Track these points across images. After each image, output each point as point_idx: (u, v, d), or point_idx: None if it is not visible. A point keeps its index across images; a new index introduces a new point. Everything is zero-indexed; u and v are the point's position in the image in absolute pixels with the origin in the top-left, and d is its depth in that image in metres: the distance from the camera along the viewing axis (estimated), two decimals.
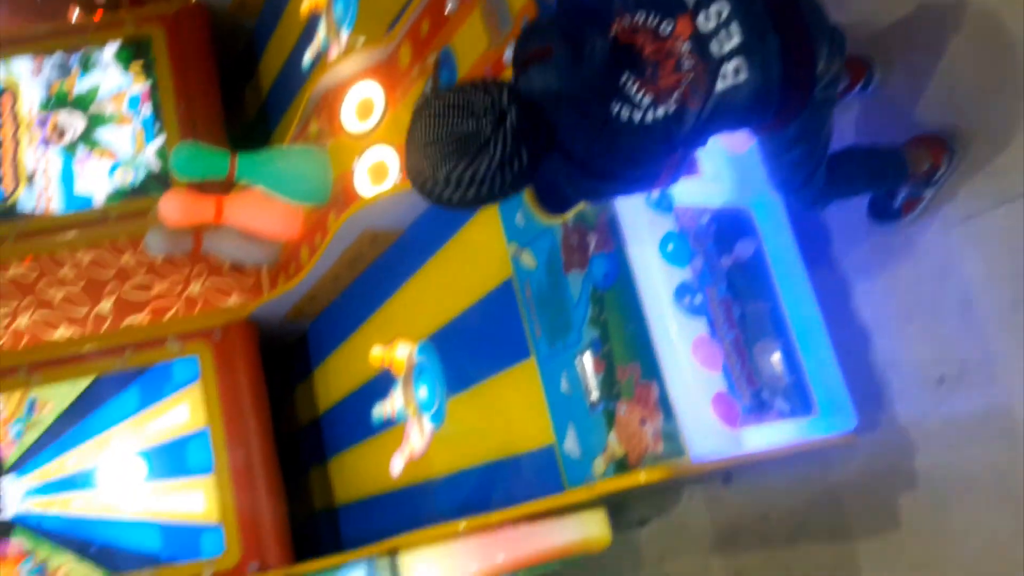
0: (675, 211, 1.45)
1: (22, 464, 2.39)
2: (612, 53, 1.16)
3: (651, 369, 1.37)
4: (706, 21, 1.16)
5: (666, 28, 1.17)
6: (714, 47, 1.16)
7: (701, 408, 1.32)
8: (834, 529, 1.64)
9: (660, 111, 1.15)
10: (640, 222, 1.43)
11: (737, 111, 1.18)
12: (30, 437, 2.41)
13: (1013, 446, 1.37)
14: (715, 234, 1.49)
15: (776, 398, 1.43)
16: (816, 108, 1.23)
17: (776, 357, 1.46)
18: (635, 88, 1.16)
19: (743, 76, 1.15)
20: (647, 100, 1.15)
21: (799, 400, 1.46)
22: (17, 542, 2.33)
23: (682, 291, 1.37)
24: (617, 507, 2.07)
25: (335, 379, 2.50)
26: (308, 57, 2.46)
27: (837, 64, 1.22)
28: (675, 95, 1.15)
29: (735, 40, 1.15)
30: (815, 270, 1.59)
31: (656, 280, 1.39)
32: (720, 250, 1.49)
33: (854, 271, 1.64)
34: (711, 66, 1.15)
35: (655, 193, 1.42)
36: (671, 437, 1.34)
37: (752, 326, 1.47)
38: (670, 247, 1.39)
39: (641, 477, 1.37)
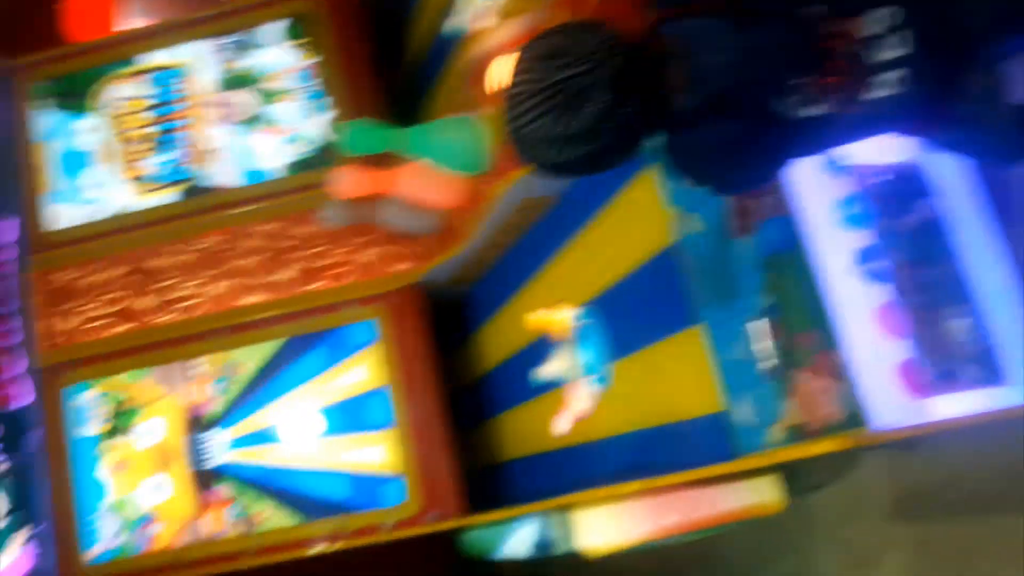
0: (852, 171, 1.38)
1: (224, 418, 2.63)
2: (784, 39, 1.08)
3: (831, 337, 1.33)
4: (874, 25, 1.09)
5: (836, 26, 1.10)
6: (878, 53, 1.09)
7: (885, 377, 1.27)
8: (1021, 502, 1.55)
9: (815, 109, 1.08)
10: (814, 184, 1.37)
11: (888, 120, 1.12)
12: (230, 394, 2.65)
13: None
14: (895, 193, 1.41)
15: (964, 367, 1.36)
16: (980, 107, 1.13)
17: (964, 324, 1.37)
18: (805, 79, 1.09)
19: (900, 88, 1.08)
20: (806, 95, 1.09)
21: (989, 369, 1.37)
22: (223, 489, 2.58)
23: (863, 256, 1.31)
24: (790, 472, 2.03)
25: (496, 342, 2.59)
26: (459, 25, 2.49)
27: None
28: (833, 96, 1.09)
29: (901, 50, 1.08)
30: (1010, 227, 1.47)
31: (834, 245, 1.34)
32: (900, 211, 1.41)
33: None
34: (872, 72, 1.09)
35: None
36: (853, 406, 1.30)
37: (937, 291, 1.39)
38: (849, 209, 1.33)
39: (822, 446, 1.34)
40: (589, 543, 1.87)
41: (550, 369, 2.24)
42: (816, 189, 1.37)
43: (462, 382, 2.81)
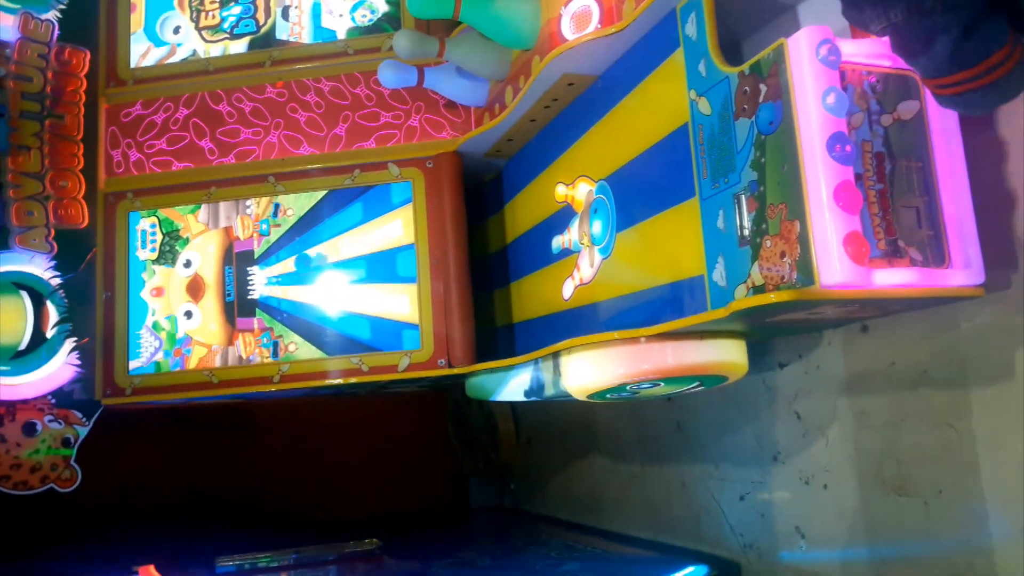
0: (842, 67, 1.56)
1: (267, 256, 2.88)
2: None
3: (796, 208, 1.54)
4: None
5: None
6: None
7: (833, 245, 1.48)
8: (953, 378, 1.76)
9: None
10: (808, 74, 1.54)
11: None
12: (274, 235, 2.90)
13: None
14: (880, 93, 1.59)
15: (911, 248, 1.56)
16: None
17: (918, 211, 1.57)
18: None
19: None
20: None
21: (934, 253, 1.57)
22: (259, 319, 2.85)
23: (834, 140, 1.50)
24: (759, 349, 2.27)
25: (523, 212, 2.81)
26: None
27: None
28: None
29: None
30: (972, 136, 1.64)
31: (813, 128, 1.52)
32: (883, 108, 1.59)
33: (1012, 137, 1.67)
34: None
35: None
36: (804, 267, 1.52)
37: (901, 181, 1.58)
38: (830, 99, 1.51)
39: (772, 297, 1.56)
40: (573, 384, 2.13)
41: (566, 238, 2.47)
42: (808, 78, 1.54)
43: (490, 249, 3.06)
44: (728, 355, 1.96)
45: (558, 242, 2.53)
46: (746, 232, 1.68)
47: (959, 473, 1.75)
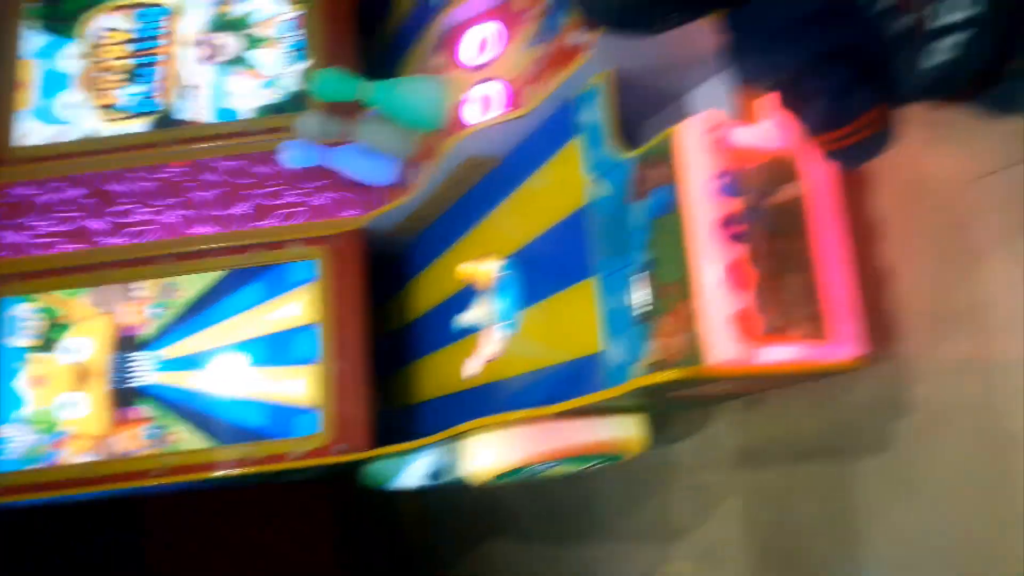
0: (729, 152, 1.66)
1: (155, 341, 2.75)
2: None
3: (687, 288, 1.60)
4: None
5: None
6: (944, 9, 1.03)
7: (723, 323, 1.54)
8: (838, 450, 1.84)
9: (891, 22, 1.03)
10: (697, 159, 1.64)
11: (930, 81, 1.07)
12: (165, 318, 2.78)
13: (987, 386, 1.55)
14: (765, 175, 1.70)
15: (795, 323, 1.64)
16: None
17: (801, 288, 1.66)
18: None
19: (955, 53, 1.03)
20: (889, 1, 1.03)
21: (816, 328, 1.66)
22: (142, 409, 2.69)
23: (722, 222, 1.59)
24: (657, 424, 2.31)
25: (427, 290, 2.81)
26: None
27: None
28: (909, 18, 1.02)
29: (973, 10, 1.02)
30: (850, 215, 1.77)
31: (702, 211, 1.60)
32: (767, 190, 1.70)
33: (886, 216, 1.80)
34: (939, 24, 1.02)
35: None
36: (695, 345, 1.57)
37: (785, 259, 1.67)
38: (718, 183, 1.60)
39: (665, 376, 1.61)
40: (472, 468, 2.10)
41: (470, 316, 2.48)
42: (699, 162, 1.64)
43: (393, 327, 3.03)
44: (626, 433, 1.99)
45: (462, 320, 2.54)
46: (642, 310, 1.73)
47: (844, 544, 1.80)
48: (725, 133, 1.65)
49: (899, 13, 1.01)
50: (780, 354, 1.61)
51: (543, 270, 2.14)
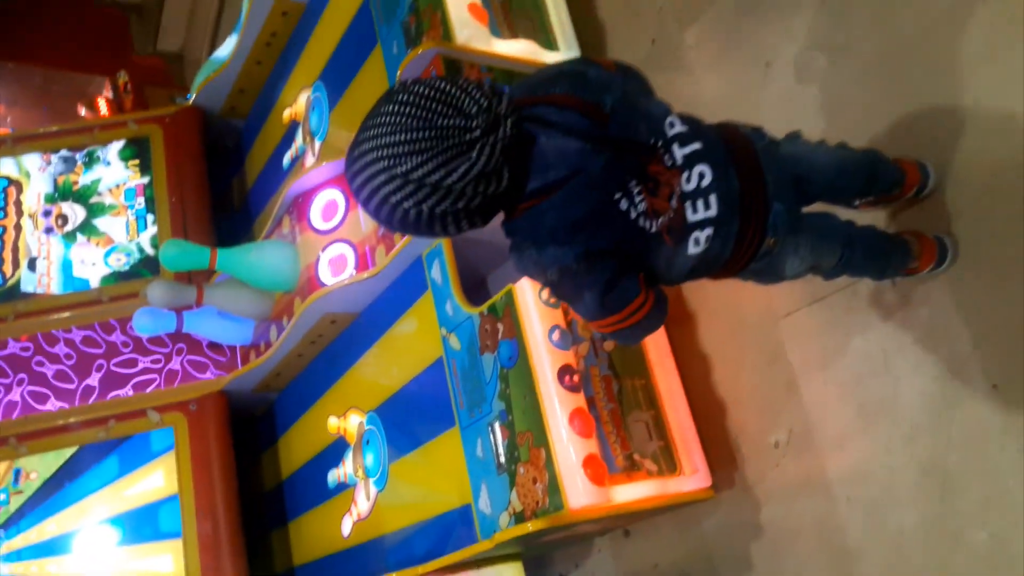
0: (564, 305, 1.76)
1: (5, 528, 2.58)
2: (638, 152, 1.15)
3: (540, 436, 1.66)
4: (687, 182, 1.17)
5: (669, 161, 1.18)
6: (690, 210, 1.17)
7: (575, 469, 1.60)
8: (708, 571, 1.91)
9: (647, 224, 1.14)
10: (534, 314, 1.73)
11: (694, 271, 1.23)
12: (14, 504, 2.61)
13: (827, 501, 1.67)
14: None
15: (646, 459, 1.72)
16: (747, 273, 1.30)
17: (647, 425, 1.75)
18: (637, 190, 1.14)
19: (703, 247, 1.18)
20: (642, 207, 1.13)
21: (666, 461, 1.75)
22: None
23: (563, 372, 1.67)
24: (540, 563, 2.32)
25: (296, 447, 2.75)
26: (287, 159, 2.82)
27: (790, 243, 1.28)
28: (661, 220, 1.15)
29: (711, 212, 1.17)
30: (681, 350, 1.90)
31: (544, 362, 1.69)
32: (604, 336, 1.80)
33: (713, 353, 1.95)
34: (685, 224, 1.17)
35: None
36: (554, 492, 1.62)
37: (629, 398, 1.77)
38: (556, 335, 1.70)
39: (529, 527, 1.64)
40: None
41: (340, 473, 2.44)
42: (535, 317, 1.73)
43: (265, 488, 2.93)
44: None
45: (333, 476, 2.50)
46: (502, 460, 1.77)
47: None
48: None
49: (652, 216, 1.15)
50: (635, 492, 1.67)
51: (409, 421, 2.16)
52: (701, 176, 1.18)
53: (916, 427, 1.55)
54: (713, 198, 1.18)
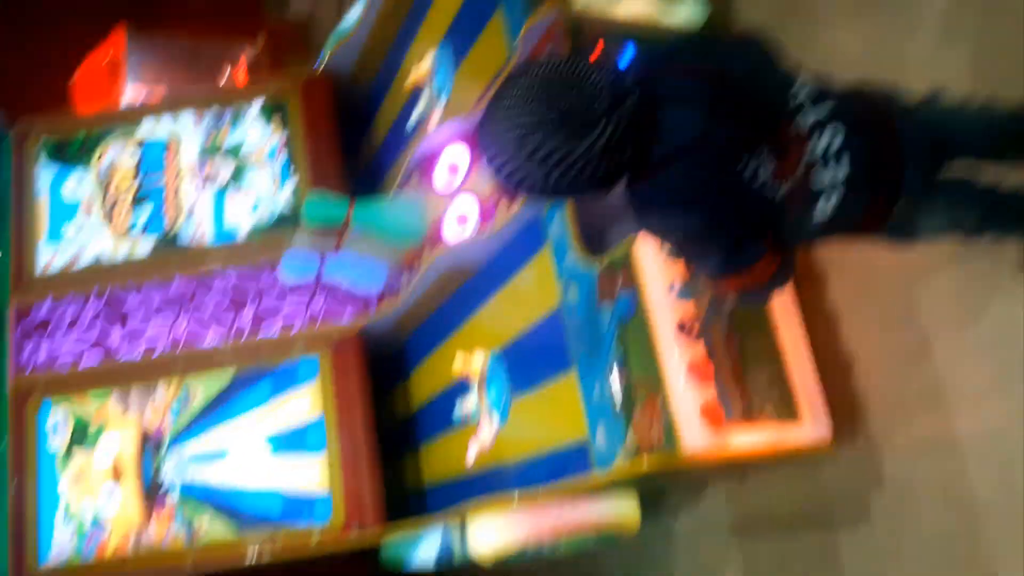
0: None
1: (177, 439, 2.95)
2: (761, 120, 1.18)
3: (657, 383, 1.81)
4: (816, 148, 1.19)
5: (800, 127, 1.20)
6: (818, 175, 1.19)
7: (692, 413, 1.74)
8: (823, 522, 2.00)
9: (772, 190, 1.17)
10: (655, 266, 1.85)
11: (820, 231, 1.26)
12: (184, 419, 2.98)
13: (956, 462, 1.71)
14: None
15: (764, 409, 1.83)
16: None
17: (767, 377, 1.85)
18: (762, 157, 1.16)
19: (830, 212, 1.21)
20: (767, 174, 1.16)
21: (786, 411, 1.85)
22: (169, 502, 2.88)
23: (682, 324, 1.80)
24: (655, 499, 2.48)
25: (425, 382, 3.01)
26: (412, 120, 3.00)
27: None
28: (786, 186, 1.17)
29: (839, 177, 1.19)
30: (808, 306, 1.96)
31: (663, 314, 1.82)
32: (729, 296, 1.90)
33: (843, 310, 2.00)
34: (812, 190, 1.19)
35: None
36: (669, 435, 1.76)
37: (750, 352, 1.87)
38: (677, 287, 1.82)
39: (644, 465, 1.80)
40: (479, 549, 2.28)
41: (465, 407, 2.68)
42: (656, 269, 1.85)
43: (398, 417, 3.22)
44: (620, 512, 2.16)
45: (459, 409, 2.73)
46: (619, 403, 1.93)
47: None
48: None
49: (777, 182, 1.19)
50: (752, 439, 1.79)
51: (529, 364, 2.34)
52: (832, 140, 1.20)
53: None
54: (844, 162, 1.19)
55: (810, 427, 1.87)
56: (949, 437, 1.73)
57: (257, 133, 3.30)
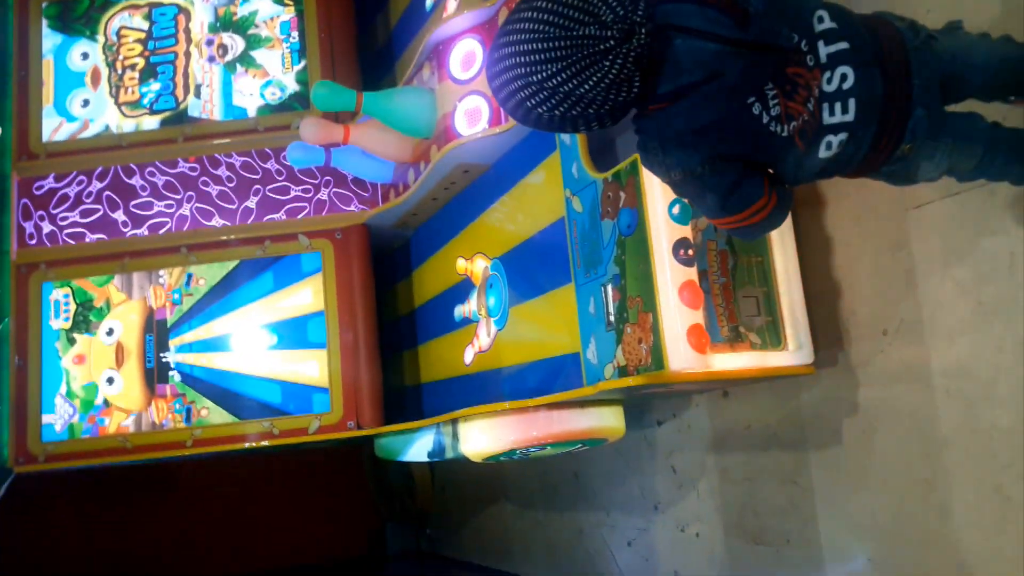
0: None
1: (179, 325, 2.97)
2: (776, 55, 1.13)
3: (649, 303, 1.77)
4: (828, 83, 1.16)
5: (811, 63, 1.16)
6: (827, 112, 1.16)
7: (679, 335, 1.71)
8: (796, 441, 2.03)
9: (779, 128, 1.14)
10: (657, 186, 1.79)
11: (822, 172, 1.23)
12: (187, 304, 2.99)
13: (925, 395, 1.72)
14: None
15: (751, 332, 1.81)
16: (879, 175, 1.27)
17: (757, 301, 1.83)
18: (772, 93, 1.13)
19: (835, 150, 1.18)
20: (776, 111, 1.13)
21: (771, 336, 1.83)
22: (173, 386, 2.93)
23: (679, 245, 1.74)
24: (641, 408, 2.51)
25: (428, 281, 3.00)
26: (430, 1, 2.86)
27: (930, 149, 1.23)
28: (794, 124, 1.14)
29: (848, 116, 1.16)
30: (804, 232, 1.92)
31: (661, 234, 1.76)
32: (725, 231, 1.84)
33: (837, 236, 1.95)
34: (820, 127, 1.16)
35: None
36: (656, 354, 1.75)
37: (742, 274, 1.84)
38: (676, 209, 1.76)
39: (631, 381, 1.79)
40: (469, 449, 2.31)
41: (465, 309, 2.67)
42: (658, 189, 1.79)
43: (399, 313, 3.23)
44: (606, 422, 2.18)
45: (459, 311, 2.73)
46: (611, 318, 1.91)
47: (802, 524, 2.00)
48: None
49: (785, 120, 1.15)
50: (735, 362, 1.78)
51: (529, 272, 2.31)
52: (844, 78, 1.16)
53: None
54: (852, 102, 1.16)
55: (794, 352, 1.87)
56: (923, 369, 1.73)
57: (269, 8, 3.17)
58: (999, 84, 1.38)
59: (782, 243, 1.90)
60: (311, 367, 2.93)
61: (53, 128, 3.13)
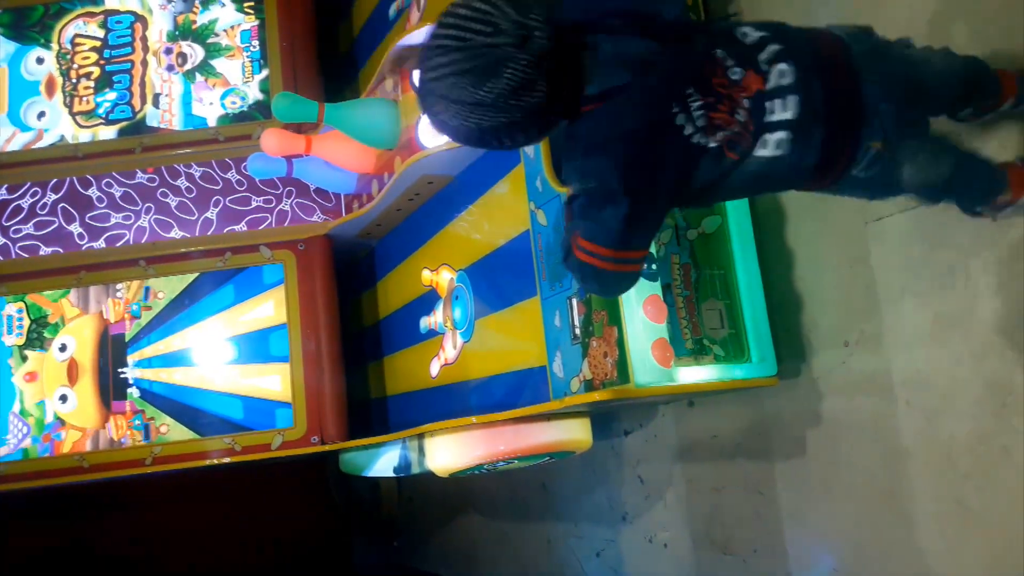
0: None
1: (138, 339, 2.90)
2: (698, 61, 1.13)
3: (614, 316, 1.77)
4: (766, 83, 1.14)
5: (736, 74, 1.15)
6: (768, 111, 1.14)
7: (644, 350, 1.71)
8: (761, 451, 2.05)
9: (704, 140, 1.13)
10: None
11: (765, 180, 1.19)
12: (145, 318, 2.92)
13: (887, 406, 1.75)
14: (685, 211, 1.86)
15: (714, 345, 1.82)
16: (856, 183, 1.23)
17: (720, 313, 1.84)
18: (696, 103, 1.12)
19: (781, 151, 1.15)
20: (700, 122, 1.11)
21: (734, 348, 1.84)
22: (131, 402, 2.85)
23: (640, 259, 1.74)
24: (608, 419, 2.51)
25: (393, 292, 2.97)
26: (393, 10, 2.83)
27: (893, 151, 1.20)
28: (720, 135, 1.13)
29: (788, 114, 1.14)
30: (766, 245, 1.94)
31: None
32: (688, 224, 1.86)
33: (798, 249, 1.97)
34: (757, 129, 1.14)
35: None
36: (622, 368, 1.75)
37: (705, 287, 1.85)
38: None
39: (597, 396, 1.79)
40: (437, 464, 2.29)
41: (431, 321, 2.65)
42: None
43: (364, 324, 3.19)
44: (573, 434, 2.17)
45: (425, 323, 2.70)
46: (577, 332, 1.90)
47: (768, 534, 2.02)
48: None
49: (711, 131, 1.14)
50: (699, 374, 1.79)
51: (495, 285, 2.30)
52: (781, 75, 1.15)
53: (988, 345, 1.58)
54: (792, 100, 1.14)
55: (757, 364, 1.89)
56: (884, 380, 1.76)
57: (229, 16, 3.12)
58: (951, 96, 1.41)
59: (744, 255, 1.91)
60: (273, 381, 2.88)
61: (6, 138, 3.04)
